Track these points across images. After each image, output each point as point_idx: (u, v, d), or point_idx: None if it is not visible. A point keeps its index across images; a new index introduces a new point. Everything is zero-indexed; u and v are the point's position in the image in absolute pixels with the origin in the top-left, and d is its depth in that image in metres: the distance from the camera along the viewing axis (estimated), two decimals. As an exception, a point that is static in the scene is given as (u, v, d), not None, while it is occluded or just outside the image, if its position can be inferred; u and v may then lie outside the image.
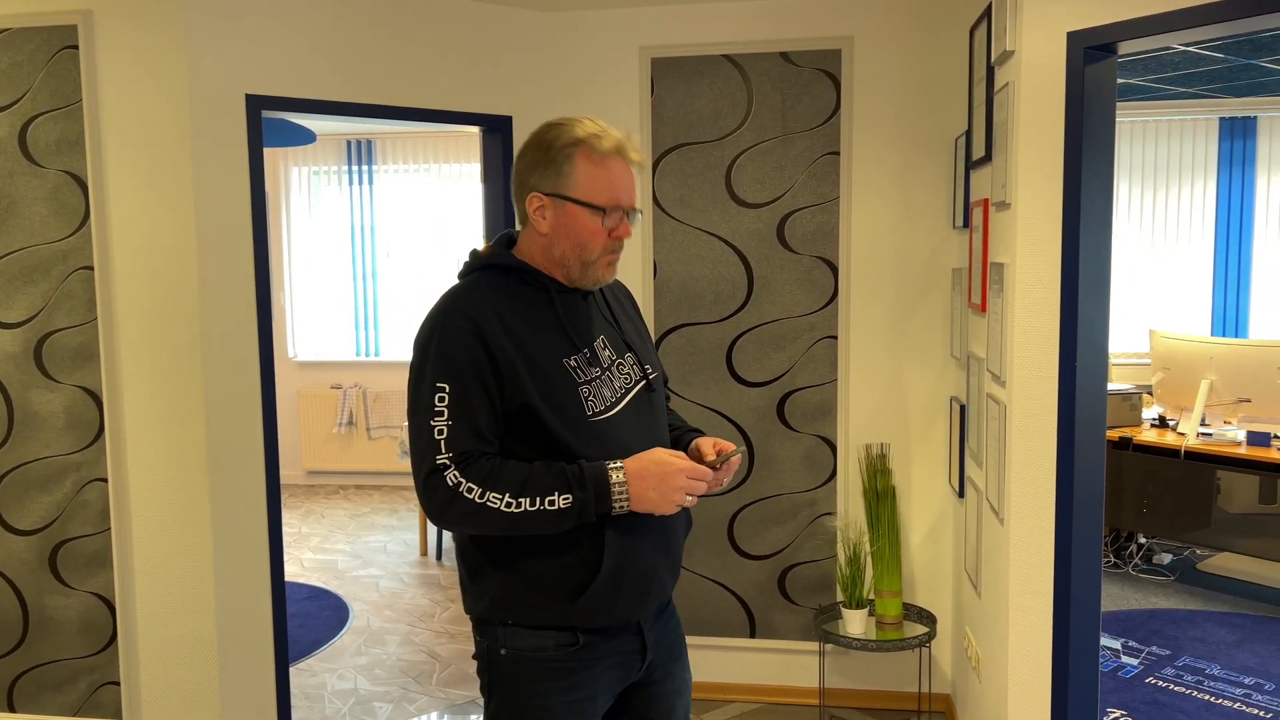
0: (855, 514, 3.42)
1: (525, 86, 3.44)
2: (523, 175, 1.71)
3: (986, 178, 2.81)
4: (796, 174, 3.36)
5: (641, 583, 1.71)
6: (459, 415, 1.60)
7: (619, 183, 1.68)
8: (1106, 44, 2.26)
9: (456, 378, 1.60)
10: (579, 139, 1.66)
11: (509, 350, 1.62)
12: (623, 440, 1.69)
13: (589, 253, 1.69)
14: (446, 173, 7.03)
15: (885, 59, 3.30)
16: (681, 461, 1.65)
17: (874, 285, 3.39)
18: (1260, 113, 6.02)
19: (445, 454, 1.59)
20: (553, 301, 1.72)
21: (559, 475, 1.60)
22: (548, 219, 1.68)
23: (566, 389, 1.66)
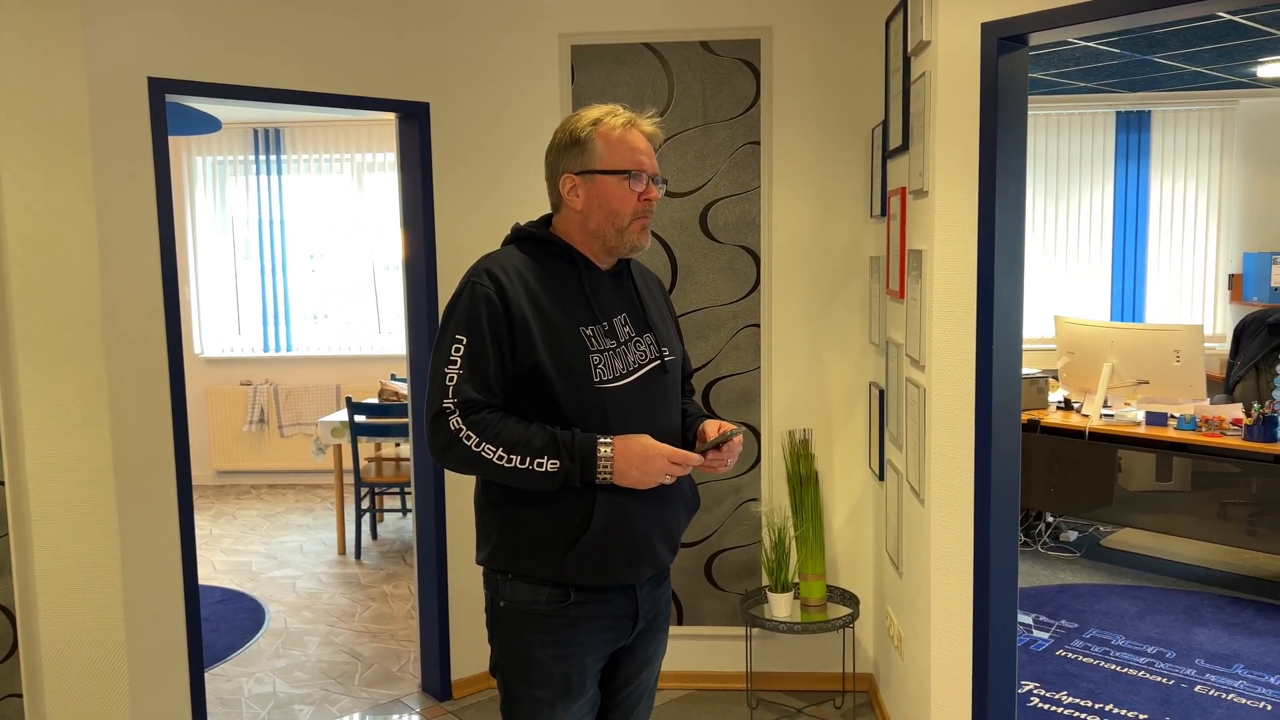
0: (780, 499, 3.46)
1: (443, 73, 3.38)
2: (553, 163, 1.88)
3: (904, 167, 2.87)
4: (718, 163, 3.38)
5: (632, 547, 1.80)
6: (471, 366, 1.73)
7: (638, 149, 1.83)
8: (1018, 35, 2.32)
9: (475, 331, 1.74)
10: (596, 119, 1.83)
11: (527, 310, 1.76)
12: (627, 413, 1.80)
13: (621, 219, 1.83)
14: (360, 163, 6.87)
15: (803, 50, 3.34)
16: (665, 448, 1.77)
17: (795, 274, 3.43)
18: (1154, 107, 6.29)
19: (451, 399, 1.72)
20: (580, 275, 1.85)
21: (551, 440, 1.73)
22: (581, 196, 1.83)
23: (578, 354, 1.78)
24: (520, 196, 3.45)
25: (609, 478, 1.74)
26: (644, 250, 1.91)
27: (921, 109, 2.59)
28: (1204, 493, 5.59)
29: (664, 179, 1.92)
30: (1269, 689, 3.47)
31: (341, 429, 5.21)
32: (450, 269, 3.44)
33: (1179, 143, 6.32)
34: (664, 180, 1.90)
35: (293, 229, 6.93)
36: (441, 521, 3.49)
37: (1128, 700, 3.40)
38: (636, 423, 1.80)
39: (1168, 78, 5.70)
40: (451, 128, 3.41)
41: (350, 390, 6.69)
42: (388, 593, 4.73)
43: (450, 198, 3.43)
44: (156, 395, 2.90)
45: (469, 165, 3.45)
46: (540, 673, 1.82)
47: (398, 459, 5.47)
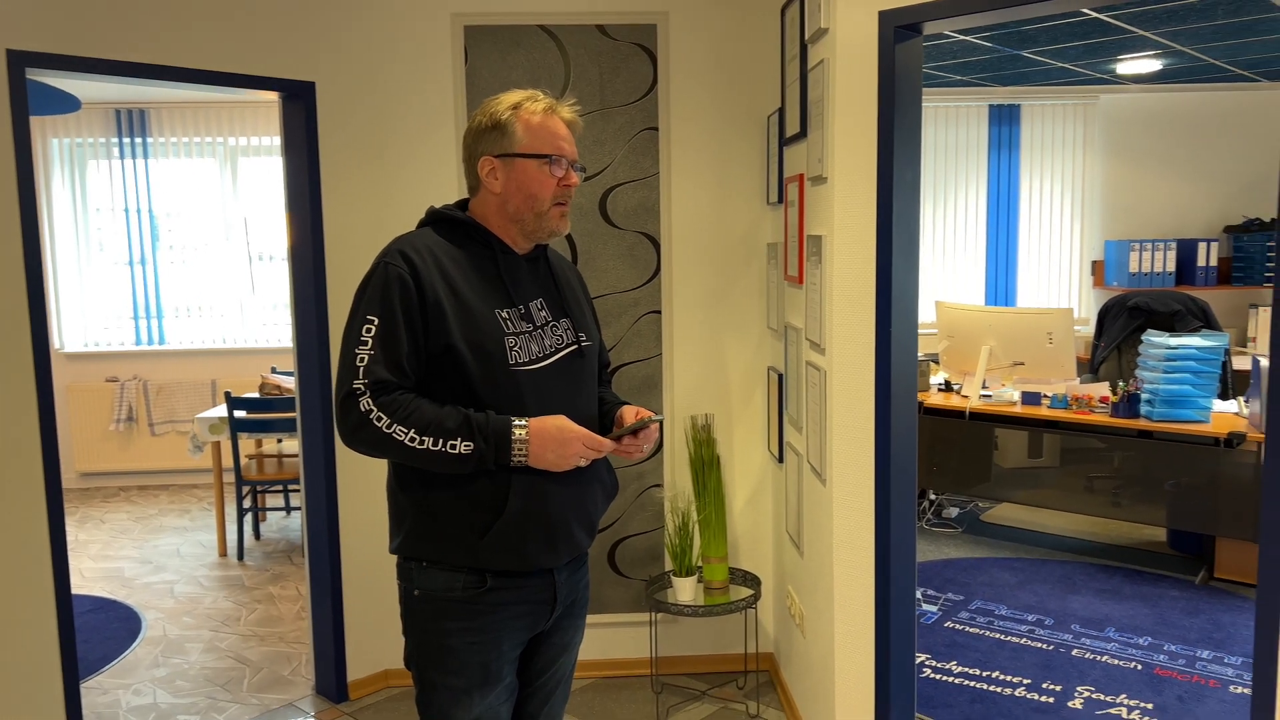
0: (683, 484, 3.48)
1: (330, 51, 3.24)
2: (471, 146, 1.85)
3: (801, 154, 2.91)
4: (617, 148, 3.36)
5: (550, 531, 1.79)
6: (382, 347, 1.70)
7: (559, 134, 1.82)
8: (914, 24, 2.38)
9: (386, 311, 1.71)
10: (516, 103, 1.82)
11: (440, 291, 1.73)
12: (543, 396, 1.79)
13: (540, 203, 1.82)
14: (234, 146, 6.56)
15: (699, 36, 3.34)
16: (581, 430, 1.76)
17: (694, 260, 3.44)
18: (1024, 101, 6.59)
19: (362, 380, 1.69)
20: (496, 258, 1.83)
21: (464, 422, 1.70)
22: (500, 179, 1.81)
23: (493, 336, 1.76)
24: (414, 180, 3.35)
25: (524, 460, 1.72)
26: (562, 235, 1.89)
27: (820, 96, 2.63)
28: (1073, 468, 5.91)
29: (583, 166, 1.92)
30: (1138, 649, 3.69)
31: (220, 425, 4.97)
32: (340, 256, 3.31)
33: (1046, 135, 6.63)
34: (583, 167, 1.90)
35: (162, 217, 6.57)
36: (334, 517, 3.37)
37: (1012, 666, 3.56)
38: (553, 407, 1.79)
39: (1037, 73, 5.97)
40: (339, 109, 3.28)
41: (228, 385, 6.40)
42: (274, 594, 4.54)
43: (339, 182, 3.30)
44: (21, 393, 2.70)
45: (358, 148, 3.32)
46: (457, 661, 1.79)
47: (280, 455, 5.26)
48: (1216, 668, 3.53)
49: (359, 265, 3.31)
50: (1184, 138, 6.55)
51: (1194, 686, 3.40)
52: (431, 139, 3.34)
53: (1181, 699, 3.31)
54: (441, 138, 3.34)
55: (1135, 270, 6.39)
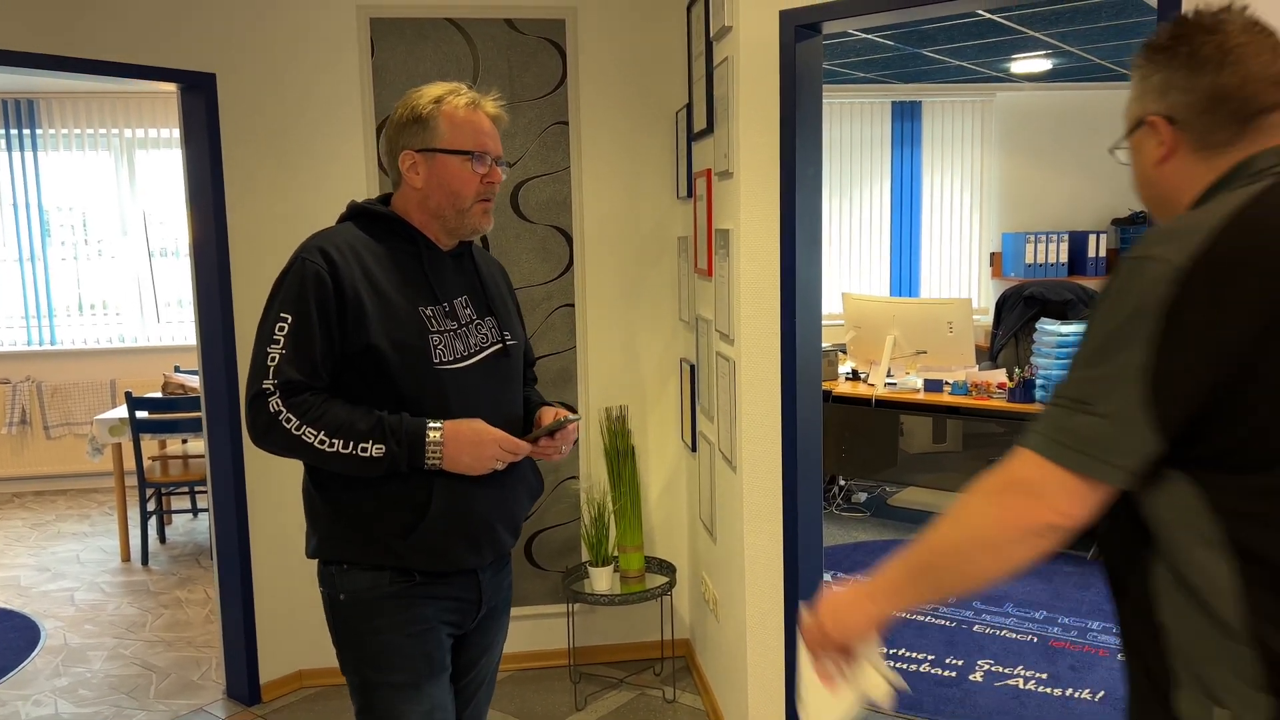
0: (599, 475, 3.52)
1: (232, 42, 3.18)
2: (393, 139, 1.80)
3: (709, 149, 2.97)
4: (528, 142, 3.37)
5: (473, 531, 1.77)
6: (294, 346, 1.65)
7: (483, 130, 1.78)
8: (813, 23, 2.45)
9: (300, 309, 1.66)
10: (439, 97, 1.77)
11: (360, 290, 1.68)
12: (467, 396, 1.76)
13: (463, 200, 1.78)
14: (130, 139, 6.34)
15: (608, 31, 3.37)
16: (497, 433, 1.73)
17: (607, 253, 3.48)
18: (925, 97, 6.80)
19: (271, 380, 1.65)
20: (420, 254, 1.78)
21: (376, 424, 1.66)
22: (421, 174, 1.77)
23: (416, 334, 1.72)
24: (320, 174, 3.31)
25: (438, 464, 1.69)
26: (485, 232, 1.87)
27: (725, 93, 2.69)
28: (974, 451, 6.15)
29: (508, 162, 1.93)
30: (1034, 623, 3.88)
31: (121, 426, 4.82)
32: (244, 252, 3.25)
33: (946, 131, 6.86)
34: (508, 163, 1.92)
35: (53, 212, 6.31)
36: (243, 517, 3.31)
37: (918, 644, 3.70)
38: (477, 406, 1.76)
39: (936, 70, 6.18)
40: (242, 101, 3.21)
41: (129, 385, 6.19)
42: (182, 598, 4.43)
43: (242, 176, 3.24)
44: (-96, 395, 2.58)
45: (262, 141, 3.26)
46: (398, 655, 1.77)
47: (186, 456, 5.12)
48: (1105, 637, 3.73)
49: (264, 260, 3.26)
50: (1075, 134, 6.85)
51: (1085, 656, 3.59)
52: (338, 132, 3.30)
53: (1074, 668, 3.49)
54: (348, 131, 3.30)
55: (1031, 261, 6.66)
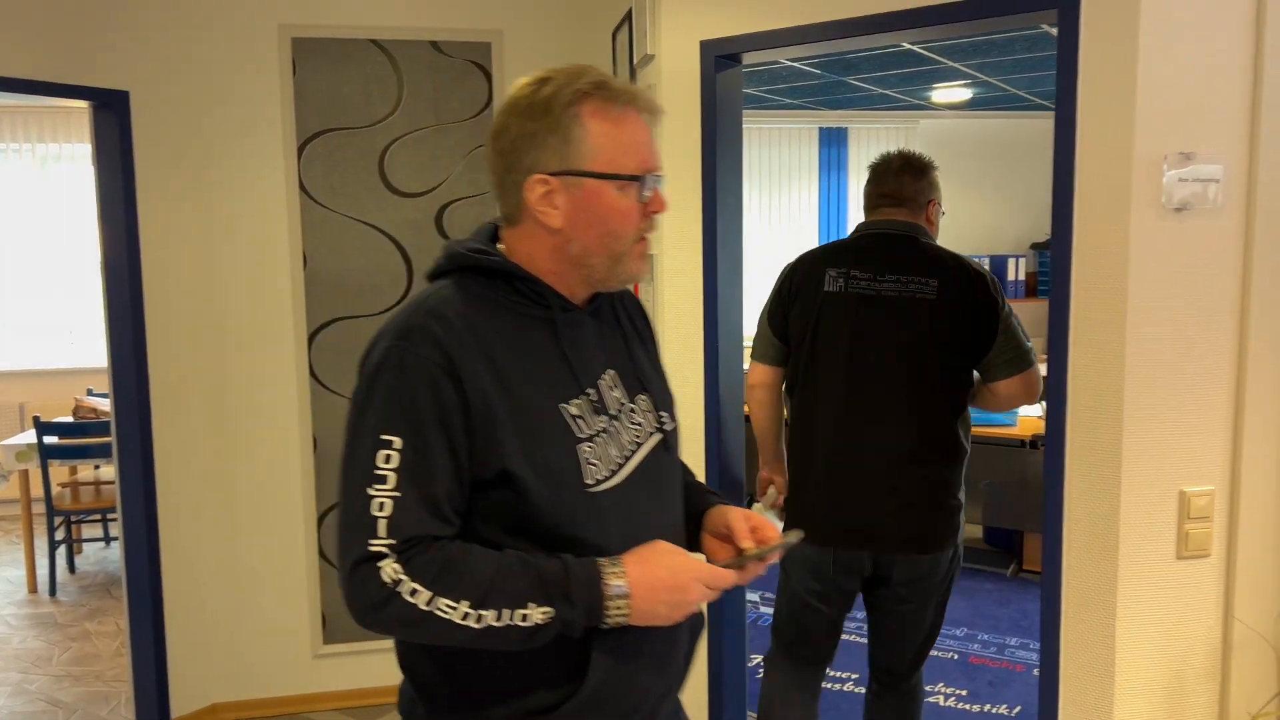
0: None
1: (146, 59, 3.10)
2: (510, 155, 1.25)
3: (633, 173, 2.98)
4: (453, 164, 3.35)
5: (625, 708, 1.29)
6: (412, 483, 1.16)
7: (644, 139, 1.26)
8: (733, 54, 2.49)
9: (414, 429, 1.16)
10: (584, 91, 1.23)
11: (491, 394, 1.19)
12: (628, 518, 1.27)
13: (620, 241, 1.26)
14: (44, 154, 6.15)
15: (535, 55, 3.38)
16: (697, 565, 1.24)
17: (531, 276, 3.46)
18: (851, 124, 6.94)
19: (385, 539, 1.15)
20: (554, 322, 1.27)
21: (536, 579, 1.17)
22: (561, 207, 1.23)
23: (562, 448, 1.23)
24: (240, 196, 3.24)
25: (624, 620, 1.19)
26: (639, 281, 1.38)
27: (648, 118, 2.71)
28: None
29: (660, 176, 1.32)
30: (955, 640, 3.95)
31: (29, 452, 4.64)
32: (158, 273, 3.16)
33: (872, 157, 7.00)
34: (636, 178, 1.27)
35: (-40, 227, 6.08)
36: (154, 546, 3.21)
37: (845, 663, 3.74)
38: (642, 528, 1.27)
39: (861, 98, 6.31)
40: (157, 120, 3.14)
41: (37, 409, 5.97)
42: (91, 631, 4.27)
43: (157, 195, 3.16)
44: None
45: (179, 161, 3.19)
46: None
47: (97, 482, 4.95)
48: (1023, 653, 3.81)
49: (178, 281, 3.18)
50: (994, 161, 7.06)
51: (1003, 672, 3.66)
52: (257, 153, 3.24)
53: (992, 684, 3.56)
54: (268, 152, 3.24)
55: (953, 284, 6.82)
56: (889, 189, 2.53)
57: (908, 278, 2.38)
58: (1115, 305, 1.95)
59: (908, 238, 2.46)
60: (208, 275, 3.24)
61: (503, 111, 1.26)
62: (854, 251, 2.46)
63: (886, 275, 2.39)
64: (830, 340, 2.39)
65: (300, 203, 3.27)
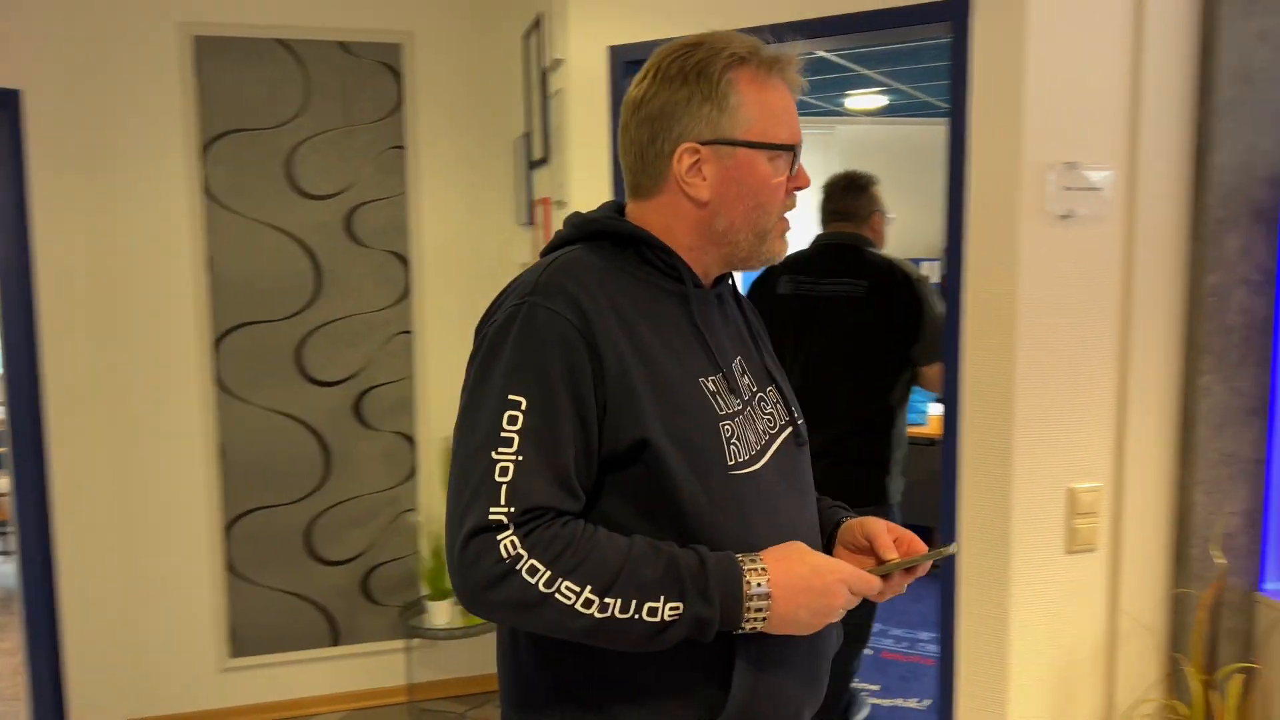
0: (439, 507, 3.45)
1: (40, 58, 2.99)
2: (659, 125, 1.17)
3: (546, 177, 2.98)
4: (363, 166, 3.30)
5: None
6: (538, 449, 1.05)
7: (793, 109, 1.20)
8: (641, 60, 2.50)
9: (543, 390, 1.06)
10: (740, 56, 1.16)
11: (627, 358, 1.09)
12: (770, 510, 1.16)
13: (768, 216, 1.19)
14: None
15: (447, 57, 3.35)
16: (844, 568, 1.11)
17: (447, 279, 3.44)
18: (769, 129, 7.04)
19: (505, 506, 1.03)
20: (687, 297, 1.19)
21: (670, 570, 1.04)
22: (709, 179, 1.16)
23: (705, 422, 1.12)
24: (139, 196, 3.15)
25: (760, 625, 1.07)
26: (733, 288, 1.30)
27: (559, 123, 2.71)
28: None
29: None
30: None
31: (-81, 464, 4.43)
32: (54, 277, 3.05)
33: (790, 162, 7.11)
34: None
35: None
36: (49, 560, 3.09)
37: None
38: (780, 523, 1.16)
39: (779, 104, 6.41)
40: (52, 119, 3.03)
41: (-69, 417, 5.70)
42: (-13, 649, 4.10)
43: (53, 197, 3.05)
44: None
45: (76, 162, 3.08)
46: None
47: (-4, 494, 4.75)
48: (933, 647, 3.91)
49: (76, 286, 3.08)
50: (908, 166, 7.22)
51: (913, 666, 3.75)
52: (159, 153, 3.15)
53: (903, 678, 3.64)
54: (169, 152, 3.15)
55: (870, 287, 6.96)
56: (835, 205, 2.89)
57: (843, 280, 2.72)
58: (1006, 310, 2.02)
59: (851, 247, 2.80)
60: (107, 280, 3.14)
61: (647, 79, 1.19)
62: (805, 260, 2.82)
63: (825, 279, 2.74)
64: (781, 335, 2.65)
65: (205, 205, 3.19)
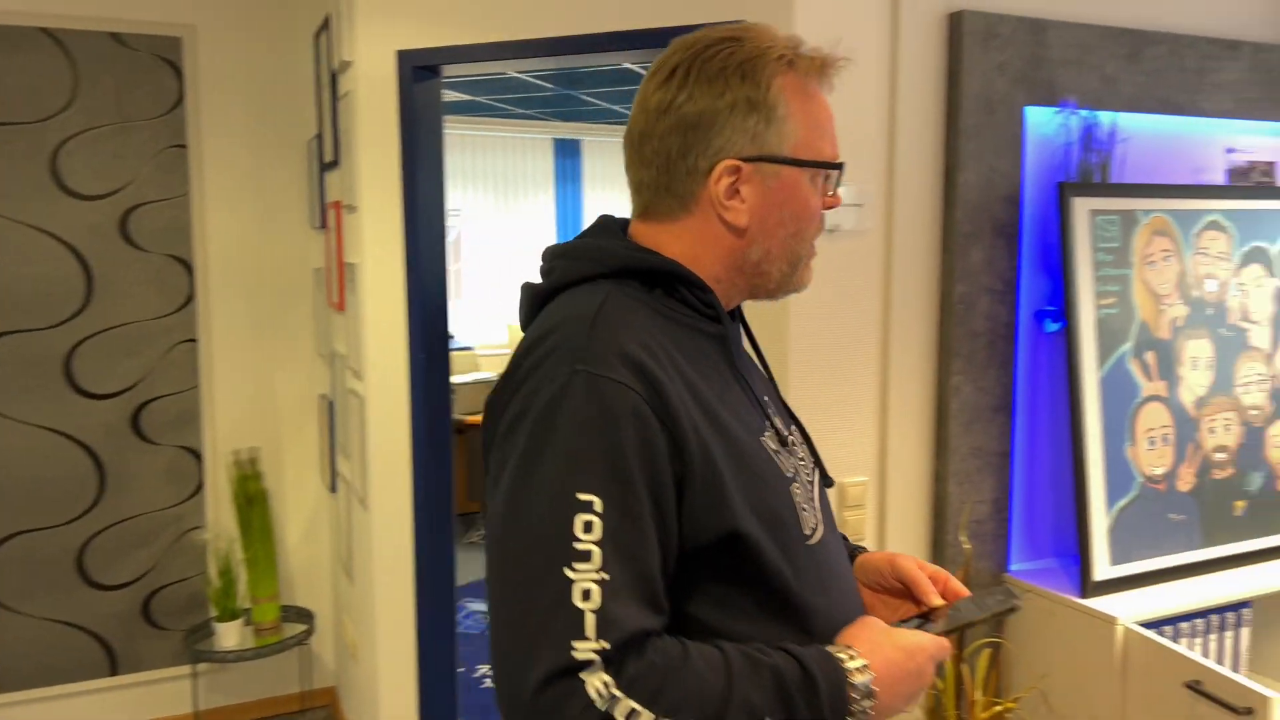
0: (227, 524, 3.30)
1: None
2: (694, 135, 0.98)
3: (338, 181, 2.91)
4: (140, 165, 3.11)
5: None
6: (623, 561, 0.85)
7: (831, 117, 1.04)
8: (431, 65, 2.49)
9: (620, 485, 0.86)
10: (787, 59, 0.99)
11: (704, 432, 0.91)
12: (836, 576, 1.03)
13: (804, 244, 1.03)
14: None
15: (234, 54, 3.21)
16: (930, 642, 0.99)
17: (237, 285, 3.29)
18: (584, 136, 7.11)
19: (594, 640, 0.82)
20: (726, 339, 1.02)
21: (777, 684, 0.88)
22: (748, 201, 0.99)
23: (781, 491, 0.98)
24: (-126, 193, 2.85)
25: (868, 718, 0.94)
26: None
27: (349, 126, 2.65)
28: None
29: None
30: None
31: None
32: None
33: (606, 169, 7.21)
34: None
35: None
36: None
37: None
38: (846, 591, 1.04)
39: (593, 112, 6.49)
40: None
41: None
42: None
43: None
44: None
45: None
46: None
47: None
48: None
49: None
50: (719, 177, 7.48)
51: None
52: (-101, 145, 2.86)
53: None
54: (-87, 144, 2.87)
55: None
56: None
57: None
58: (779, 317, 2.13)
59: None
60: None
61: (677, 77, 0.98)
62: None
63: None
64: None
65: (-45, 203, 2.92)
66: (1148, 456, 2.24)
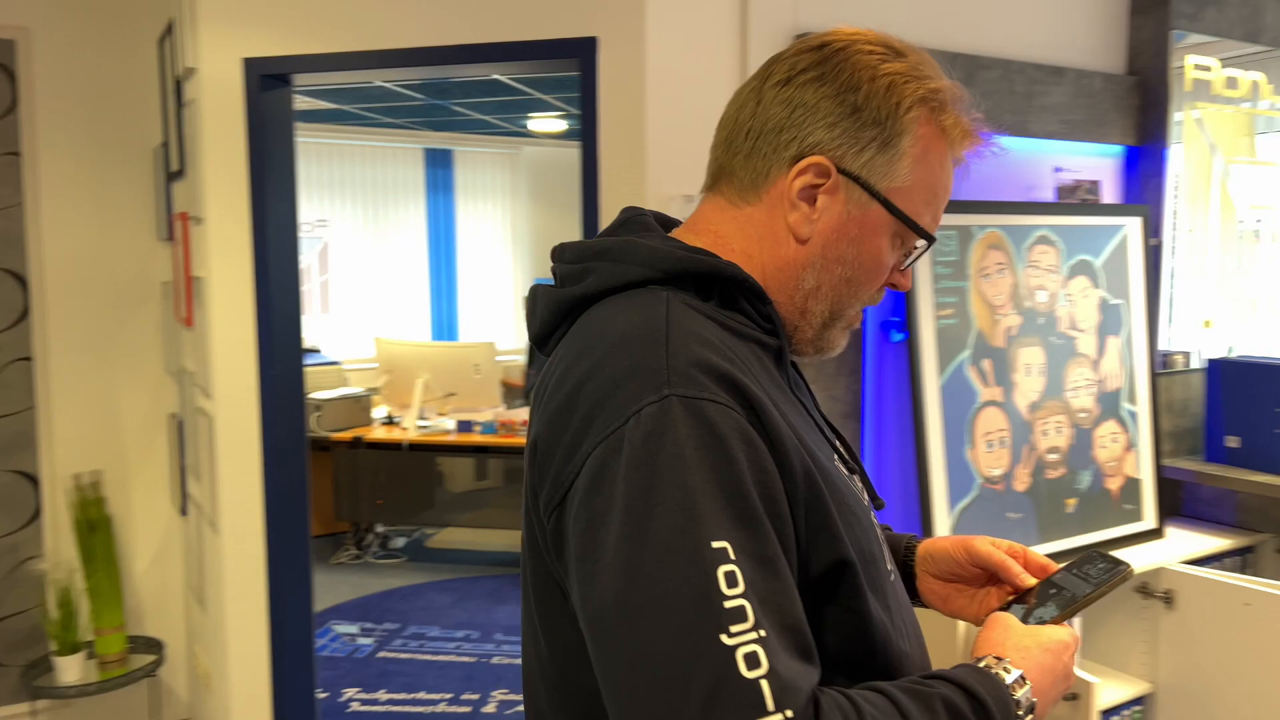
0: (68, 552, 3.11)
1: None
2: (803, 115, 0.87)
3: (185, 191, 2.80)
4: (-36, 173, 2.92)
5: None
6: (770, 613, 0.72)
7: (949, 188, 0.93)
8: (281, 74, 2.42)
9: (748, 524, 0.74)
10: (942, 100, 0.89)
11: (802, 452, 0.81)
12: (907, 609, 0.96)
13: (854, 300, 0.93)
14: None
15: (73, 59, 3.05)
16: (1067, 637, 0.90)
17: (76, 300, 3.12)
18: (456, 147, 7.04)
19: (775, 711, 0.68)
20: (783, 353, 0.90)
21: (950, 713, 0.78)
22: (820, 216, 0.88)
23: (868, 523, 0.89)
24: None
25: None
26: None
27: (193, 135, 2.56)
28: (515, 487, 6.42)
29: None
30: (550, 647, 4.12)
31: None
32: None
33: (478, 180, 7.16)
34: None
35: None
36: None
37: (437, 684, 3.75)
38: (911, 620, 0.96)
39: (464, 122, 6.43)
40: None
41: None
42: None
43: None
44: None
45: None
46: None
47: None
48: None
49: None
50: (593, 189, 7.52)
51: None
52: None
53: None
54: None
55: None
56: None
57: None
58: (634, 329, 2.15)
59: None
60: None
61: (819, 55, 0.88)
62: None
63: None
64: None
65: None
66: (986, 458, 2.35)
